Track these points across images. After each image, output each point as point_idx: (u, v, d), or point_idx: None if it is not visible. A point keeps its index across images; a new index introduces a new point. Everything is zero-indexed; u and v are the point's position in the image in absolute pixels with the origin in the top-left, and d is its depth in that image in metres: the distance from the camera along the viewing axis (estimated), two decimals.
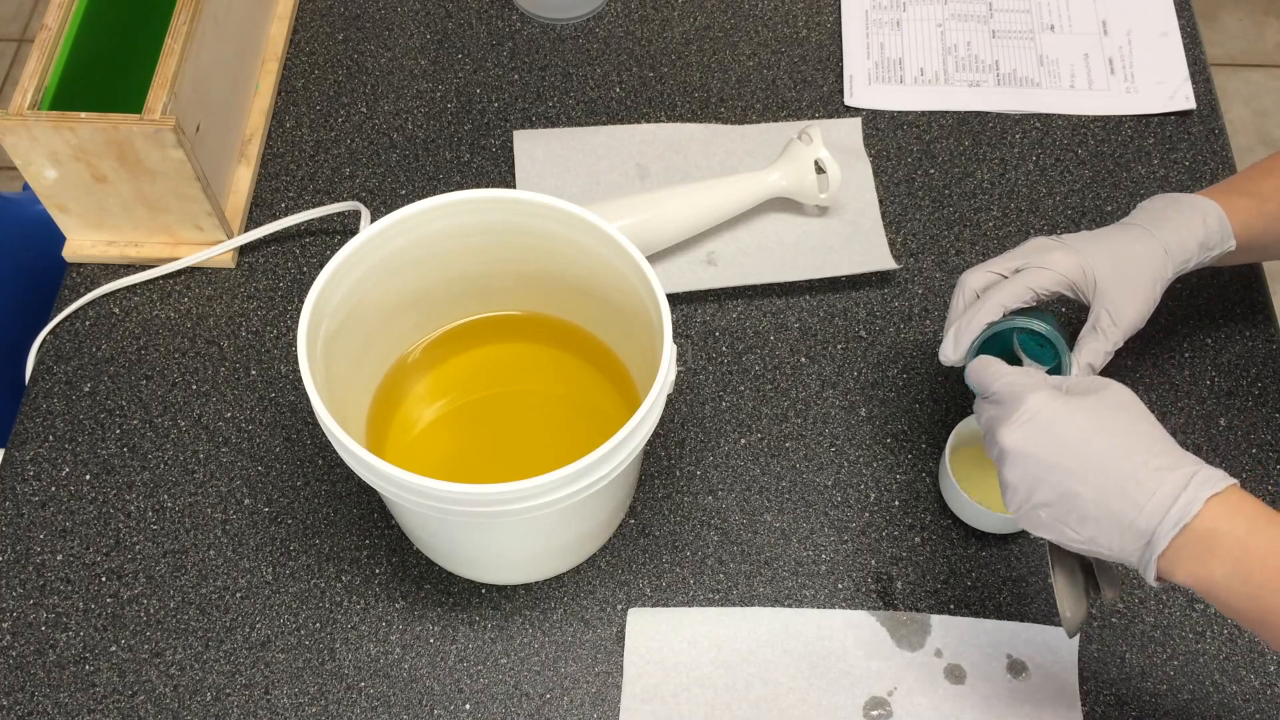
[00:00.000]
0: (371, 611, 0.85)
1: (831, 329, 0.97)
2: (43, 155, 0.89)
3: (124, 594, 0.85)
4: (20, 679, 0.82)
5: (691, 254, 0.99)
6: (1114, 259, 0.77)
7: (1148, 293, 0.77)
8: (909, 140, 1.06)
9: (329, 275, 0.74)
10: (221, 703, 0.82)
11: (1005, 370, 0.71)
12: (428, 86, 1.10)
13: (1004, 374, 0.70)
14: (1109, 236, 0.79)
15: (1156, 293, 0.77)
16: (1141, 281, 0.77)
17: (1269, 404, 0.93)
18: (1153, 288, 0.77)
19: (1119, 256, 0.77)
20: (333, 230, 1.02)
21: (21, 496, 0.89)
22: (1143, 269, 0.77)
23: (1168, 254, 0.78)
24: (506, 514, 0.69)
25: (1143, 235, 0.78)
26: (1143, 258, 0.77)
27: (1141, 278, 0.77)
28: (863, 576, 0.86)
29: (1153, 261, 0.77)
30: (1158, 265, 0.77)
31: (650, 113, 1.08)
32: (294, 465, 0.90)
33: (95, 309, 0.97)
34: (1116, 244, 0.78)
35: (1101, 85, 1.09)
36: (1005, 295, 0.77)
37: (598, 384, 0.88)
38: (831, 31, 1.13)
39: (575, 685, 0.82)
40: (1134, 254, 0.77)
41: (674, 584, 0.86)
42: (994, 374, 0.71)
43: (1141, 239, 0.78)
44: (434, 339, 0.89)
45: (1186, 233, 0.78)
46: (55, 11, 0.92)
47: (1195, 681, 0.83)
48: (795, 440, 0.92)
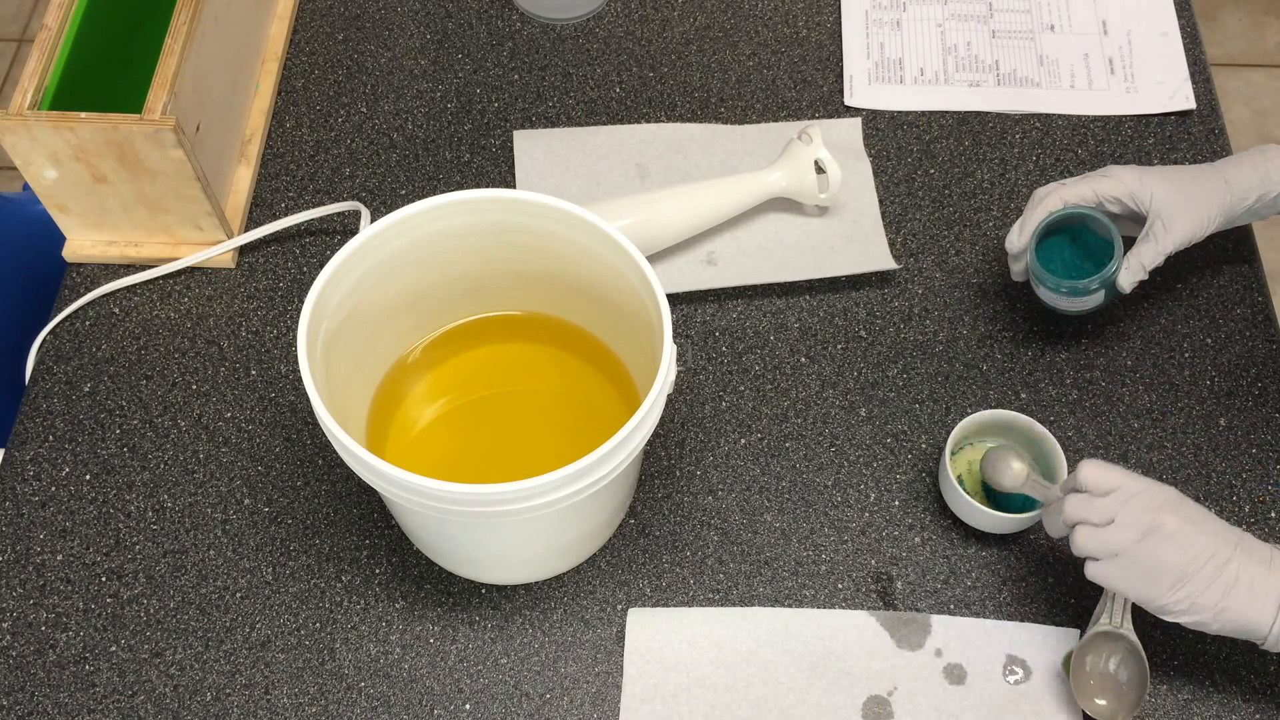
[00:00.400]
0: (371, 611, 0.85)
1: (831, 329, 0.97)
2: (43, 155, 0.89)
3: (124, 594, 0.85)
4: (20, 679, 0.82)
5: (691, 254, 0.99)
6: (1174, 181, 0.86)
7: (1201, 212, 0.85)
8: (909, 140, 1.06)
9: (329, 275, 0.74)
10: (221, 703, 0.82)
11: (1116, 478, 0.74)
12: (428, 86, 1.10)
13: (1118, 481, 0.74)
14: (1175, 169, 0.88)
15: (1210, 214, 0.86)
16: (1196, 202, 0.85)
17: (1269, 404, 0.93)
18: (1206, 209, 0.85)
19: (1179, 179, 0.86)
20: (333, 230, 1.02)
21: (21, 496, 0.89)
22: (1199, 192, 0.86)
23: (1227, 184, 0.86)
24: (506, 514, 0.69)
25: (1206, 169, 0.88)
26: (1201, 184, 0.86)
27: (1196, 198, 0.85)
28: (863, 576, 0.86)
29: (1210, 188, 0.86)
30: (1216, 192, 0.86)
31: (650, 113, 1.08)
32: (294, 465, 0.90)
33: (95, 309, 0.97)
34: (1180, 172, 0.88)
35: (1101, 85, 1.09)
36: (1069, 192, 0.87)
37: (598, 384, 0.88)
38: (831, 31, 1.13)
39: (575, 685, 0.82)
40: (1193, 180, 0.86)
41: (674, 584, 0.86)
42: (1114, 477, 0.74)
43: (1204, 171, 0.88)
44: (434, 339, 0.89)
45: (1248, 168, 0.87)
46: (55, 11, 0.92)
47: (1195, 681, 0.83)
48: (795, 440, 0.92)
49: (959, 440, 0.87)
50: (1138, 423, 0.92)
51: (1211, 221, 0.86)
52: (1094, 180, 0.87)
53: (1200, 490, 0.89)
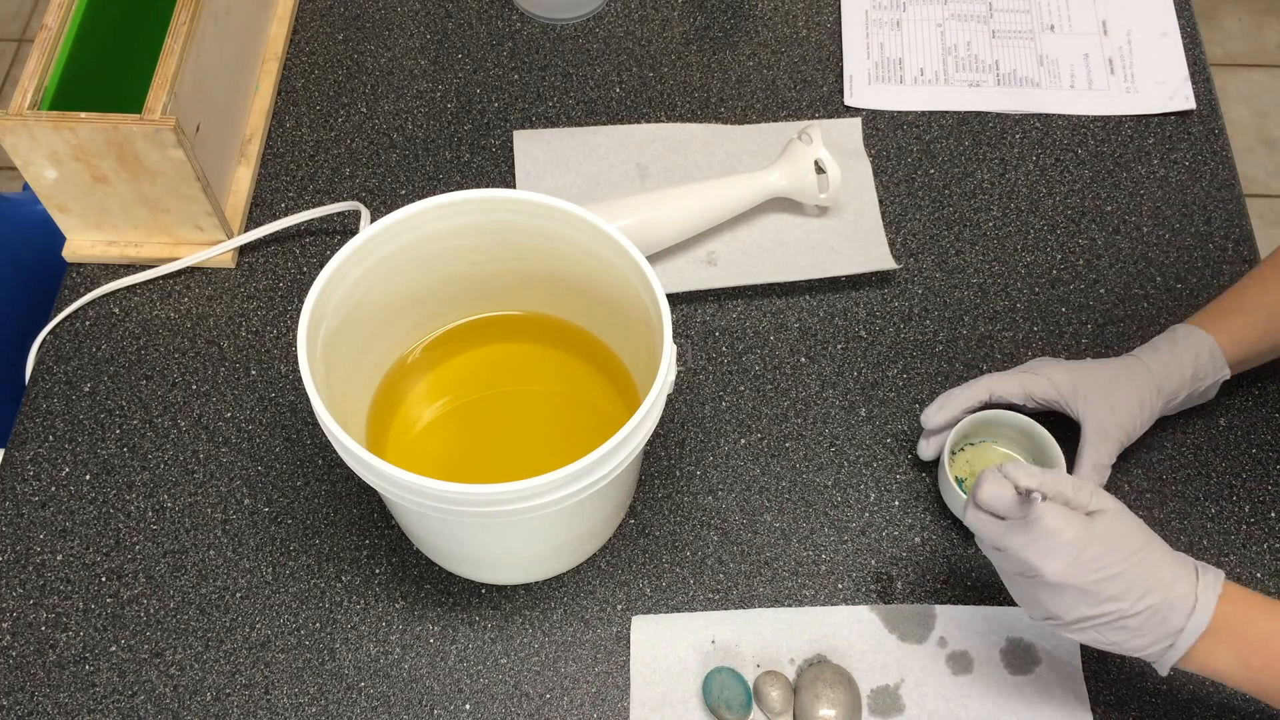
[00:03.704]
0: (371, 611, 0.85)
1: (831, 329, 0.97)
2: (43, 155, 0.89)
3: (124, 594, 0.85)
4: (20, 679, 0.82)
5: (691, 254, 0.99)
6: (1107, 382, 0.85)
7: (1134, 413, 0.84)
8: (909, 140, 1.06)
9: (329, 275, 0.74)
10: (221, 703, 0.82)
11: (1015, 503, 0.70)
12: (428, 86, 1.10)
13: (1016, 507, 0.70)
14: (1106, 363, 0.87)
15: (1144, 413, 0.84)
16: (1129, 403, 0.84)
17: (1269, 404, 0.93)
18: (1140, 409, 0.84)
19: (1112, 379, 0.85)
20: (333, 230, 1.02)
21: (21, 496, 0.89)
22: (1131, 391, 0.84)
23: (1156, 380, 0.85)
24: (506, 514, 0.69)
25: (1135, 363, 0.86)
26: (1133, 382, 0.85)
27: (1129, 399, 0.84)
28: (863, 576, 0.86)
29: (1141, 386, 0.84)
30: (1147, 389, 0.84)
31: (650, 113, 1.08)
32: (294, 465, 0.90)
33: (95, 309, 0.97)
34: (1111, 369, 0.86)
35: (1101, 85, 1.09)
36: (998, 384, 0.86)
37: (598, 384, 0.88)
38: (831, 31, 1.13)
39: (575, 685, 0.82)
40: (1125, 378, 0.85)
41: (674, 584, 0.86)
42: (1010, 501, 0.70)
43: (1134, 366, 0.86)
44: (434, 339, 0.89)
45: (1175, 364, 0.85)
46: (55, 11, 0.92)
47: (1195, 681, 0.83)
48: (795, 440, 0.92)
49: (959, 440, 0.87)
50: None
51: (1144, 419, 0.85)
52: (1026, 378, 0.85)
53: (1200, 490, 0.90)
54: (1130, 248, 1.01)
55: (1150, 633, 0.68)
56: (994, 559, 0.72)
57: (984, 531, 0.71)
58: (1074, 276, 0.99)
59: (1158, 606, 0.67)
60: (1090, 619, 0.68)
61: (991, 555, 0.72)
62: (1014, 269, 1.00)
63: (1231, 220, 1.02)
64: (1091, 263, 1.00)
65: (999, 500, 0.70)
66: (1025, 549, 0.68)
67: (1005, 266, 1.00)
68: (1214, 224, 1.02)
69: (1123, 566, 0.67)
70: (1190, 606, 0.67)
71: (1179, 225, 1.02)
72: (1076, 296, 0.98)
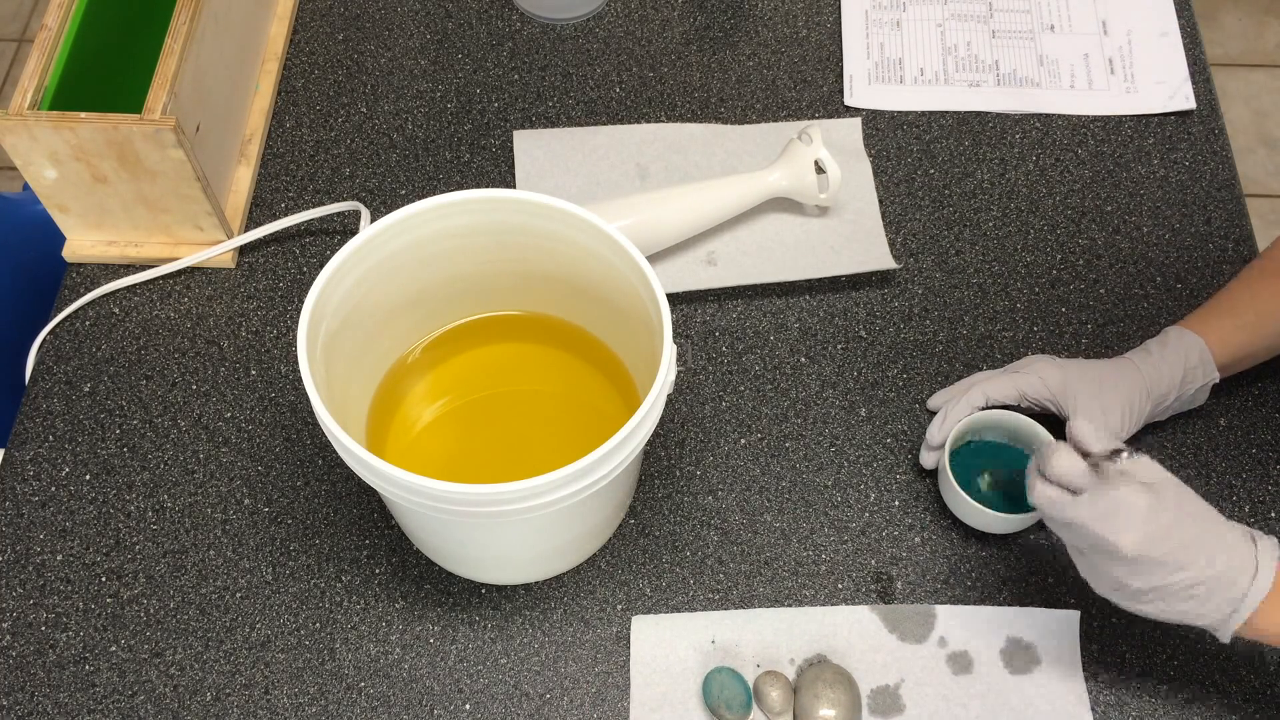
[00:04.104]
0: (371, 611, 0.85)
1: (831, 329, 0.97)
2: (43, 155, 0.89)
3: (124, 594, 0.85)
4: (20, 679, 0.82)
5: (691, 254, 0.99)
6: (1097, 382, 0.85)
7: (1124, 414, 0.84)
8: (909, 140, 1.06)
9: (329, 275, 0.74)
10: (221, 703, 0.82)
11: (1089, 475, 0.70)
12: (428, 86, 1.10)
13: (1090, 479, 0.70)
14: (1097, 364, 0.87)
15: (1133, 415, 0.84)
16: (1119, 403, 0.84)
17: (1269, 404, 0.93)
18: (1130, 410, 0.84)
19: (1102, 379, 0.85)
20: (333, 230, 1.02)
21: (21, 496, 0.89)
22: (1121, 392, 0.84)
23: (1146, 382, 0.85)
24: (506, 514, 0.69)
25: (1126, 365, 0.86)
26: (1123, 383, 0.85)
27: (1119, 400, 0.84)
28: (863, 576, 0.86)
29: (1131, 387, 0.84)
30: (1137, 391, 0.84)
31: (650, 113, 1.08)
32: (294, 465, 0.90)
33: (95, 309, 0.97)
34: (1102, 370, 0.86)
35: (1101, 85, 1.09)
36: (993, 387, 0.86)
37: (598, 384, 0.88)
38: (831, 31, 1.13)
39: (575, 685, 0.82)
40: (1115, 379, 0.85)
41: (674, 584, 0.86)
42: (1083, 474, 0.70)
43: (1125, 367, 0.86)
44: (434, 339, 0.89)
45: (1165, 367, 0.85)
46: (55, 11, 0.92)
47: (1196, 681, 0.83)
48: (795, 440, 0.92)
49: (956, 442, 0.87)
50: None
51: (1133, 421, 0.85)
52: (1019, 378, 0.86)
53: (1200, 490, 0.89)
54: (1130, 248, 1.01)
55: (1216, 598, 0.68)
56: (1064, 535, 0.71)
57: (1054, 508, 0.70)
58: (1074, 276, 0.99)
59: (1224, 572, 0.67)
60: (1161, 589, 0.68)
61: (1062, 531, 0.71)
62: (1014, 269, 1.00)
63: (1231, 220, 1.02)
64: (1091, 263, 1.00)
65: (1072, 472, 0.70)
66: (1098, 523, 0.68)
67: (1005, 266, 1.00)
68: (1214, 224, 1.02)
69: (1192, 535, 0.68)
70: (1253, 570, 0.68)
71: (1179, 225, 1.02)
72: (1076, 296, 0.98)
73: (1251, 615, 0.68)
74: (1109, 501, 0.68)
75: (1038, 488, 0.71)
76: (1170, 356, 0.85)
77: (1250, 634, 0.69)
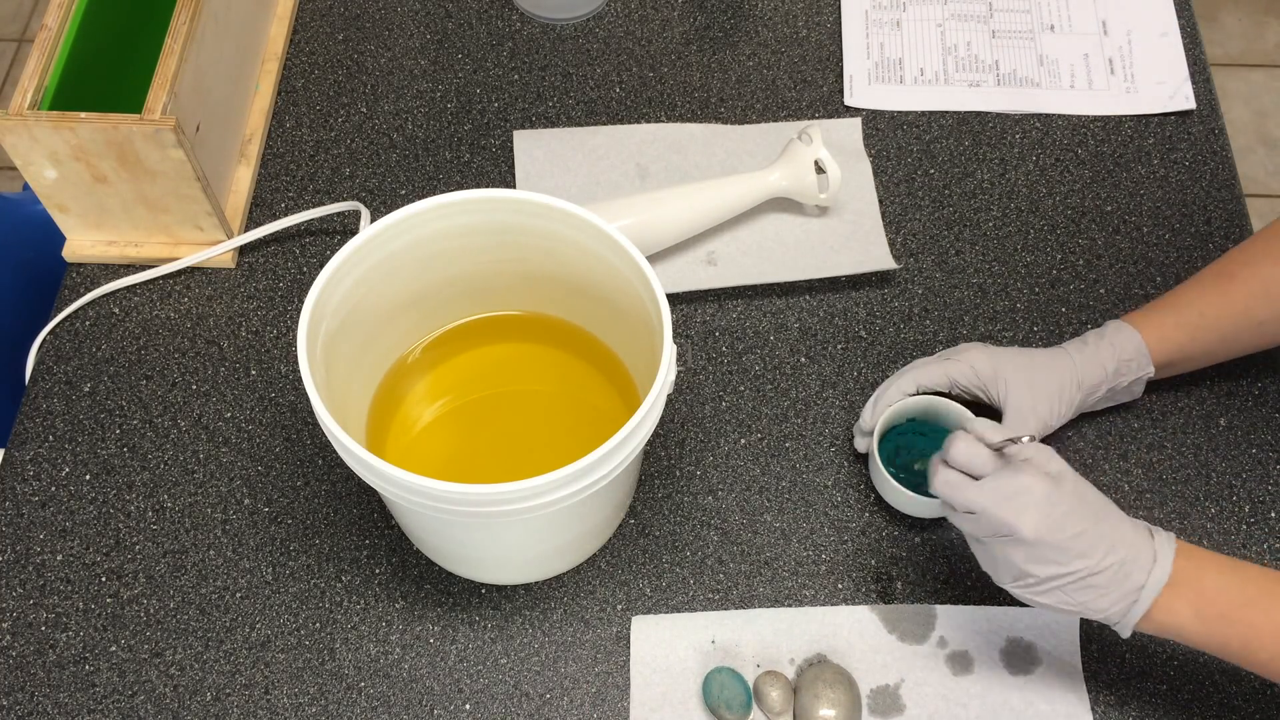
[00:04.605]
0: (371, 611, 0.85)
1: (831, 329, 0.97)
2: (43, 155, 0.89)
3: (124, 594, 0.85)
4: (20, 679, 0.82)
5: (691, 254, 0.99)
6: (1028, 369, 0.85)
7: (1053, 402, 0.84)
8: (909, 140, 1.06)
9: (329, 275, 0.74)
10: (221, 703, 0.82)
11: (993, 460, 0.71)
12: (428, 86, 1.10)
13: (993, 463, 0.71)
14: (1030, 352, 0.87)
15: (1062, 403, 0.85)
16: (1048, 391, 0.84)
17: (1269, 404, 0.93)
18: (1059, 398, 0.85)
19: (1033, 366, 0.85)
20: (333, 230, 1.02)
21: (21, 496, 0.89)
22: (1051, 380, 0.85)
23: (1078, 373, 0.85)
24: (506, 514, 0.69)
25: (1060, 354, 0.86)
26: (1053, 372, 0.85)
27: (1049, 387, 0.84)
28: (863, 576, 0.86)
29: (1062, 376, 0.85)
30: (1067, 380, 0.85)
31: (650, 113, 1.08)
32: (294, 465, 0.90)
33: (95, 309, 0.97)
34: (1034, 358, 0.86)
35: (1101, 85, 1.09)
36: (923, 373, 0.86)
37: (598, 384, 0.88)
38: (831, 31, 1.13)
39: (575, 685, 0.82)
40: (1046, 367, 0.85)
41: (674, 584, 0.86)
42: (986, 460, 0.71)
43: (1057, 356, 0.86)
44: (434, 339, 0.89)
45: (1098, 358, 0.86)
46: (55, 11, 0.92)
47: (1195, 681, 0.83)
48: (795, 440, 0.92)
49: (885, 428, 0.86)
50: (1138, 423, 0.92)
51: (1063, 411, 0.85)
52: (949, 365, 0.86)
53: (1200, 490, 0.89)
54: (1130, 248, 1.01)
55: (1115, 590, 0.69)
56: (964, 524, 0.72)
57: (953, 491, 0.71)
58: (1074, 276, 0.99)
59: (1122, 563, 0.68)
60: (1060, 577, 0.69)
61: (962, 520, 0.72)
62: (1014, 269, 1.00)
63: (1231, 220, 1.02)
64: (1091, 263, 1.00)
65: (973, 457, 0.71)
66: (1000, 507, 0.69)
67: (1005, 266, 1.00)
68: (1214, 224, 1.02)
69: (1090, 524, 0.68)
70: (1150, 562, 0.68)
71: (1179, 225, 1.02)
72: (1076, 296, 0.98)
73: (1152, 609, 0.69)
74: (1010, 485, 0.69)
75: (939, 473, 0.72)
76: (1105, 348, 0.86)
77: (1151, 629, 0.70)
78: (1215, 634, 0.69)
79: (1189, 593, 0.69)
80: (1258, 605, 0.68)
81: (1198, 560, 0.69)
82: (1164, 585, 0.68)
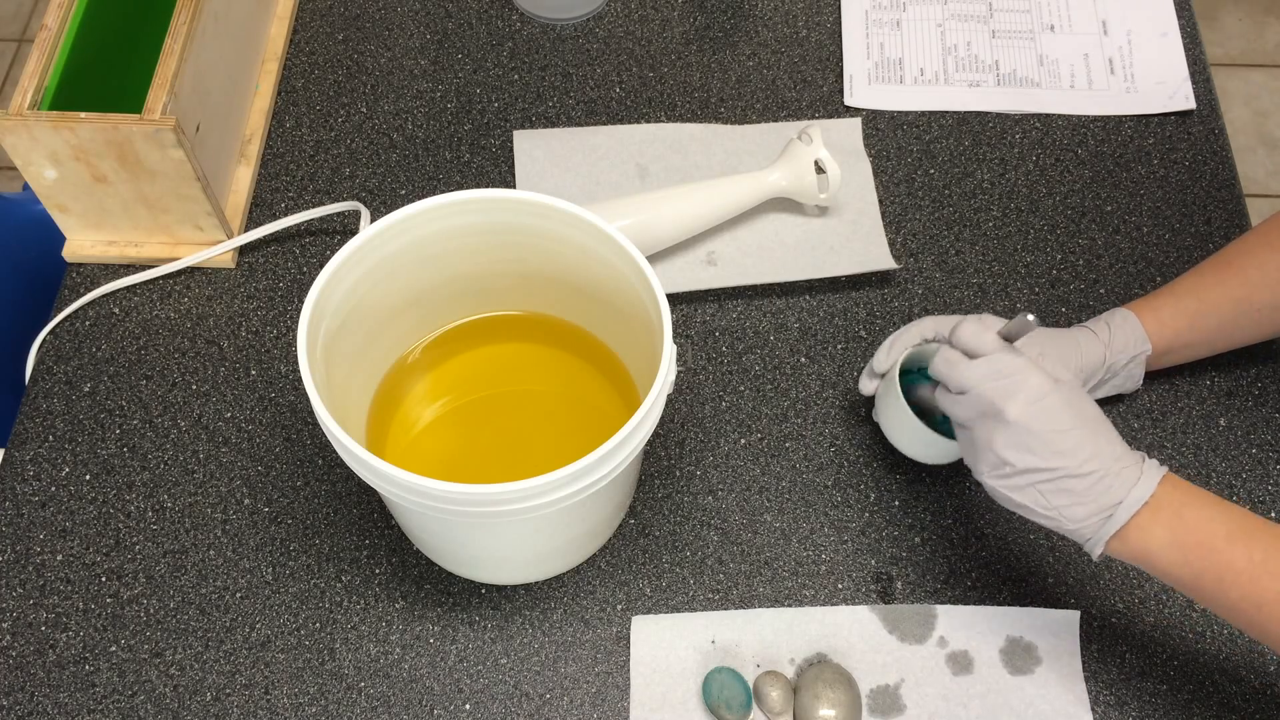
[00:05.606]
0: (371, 611, 0.85)
1: (831, 329, 0.97)
2: (43, 155, 0.89)
3: (124, 594, 0.85)
4: (20, 679, 0.82)
5: (691, 254, 0.99)
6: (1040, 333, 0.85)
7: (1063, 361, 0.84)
8: (909, 140, 1.06)
9: (329, 275, 0.74)
10: (221, 703, 0.82)
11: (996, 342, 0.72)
12: (428, 86, 1.10)
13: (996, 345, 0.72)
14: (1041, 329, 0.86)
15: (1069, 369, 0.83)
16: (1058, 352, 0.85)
17: (1269, 404, 0.93)
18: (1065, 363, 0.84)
19: (1044, 333, 0.85)
20: (333, 230, 1.02)
21: (21, 496, 0.89)
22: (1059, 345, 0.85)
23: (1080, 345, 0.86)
24: (506, 514, 0.69)
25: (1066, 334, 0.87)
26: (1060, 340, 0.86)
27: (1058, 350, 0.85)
28: (863, 576, 0.86)
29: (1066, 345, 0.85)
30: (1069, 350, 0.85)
31: (650, 113, 1.08)
32: (294, 465, 0.91)
33: (95, 309, 0.97)
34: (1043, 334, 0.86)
35: (1101, 85, 1.09)
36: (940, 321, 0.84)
37: (598, 384, 0.88)
38: (831, 31, 1.13)
39: (575, 685, 0.82)
40: (1054, 335, 0.86)
41: (674, 584, 0.86)
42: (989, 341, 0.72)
43: (1063, 336, 0.87)
44: (434, 339, 0.89)
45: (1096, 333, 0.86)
46: (55, 11, 0.92)
47: (1195, 681, 0.83)
48: (795, 440, 0.92)
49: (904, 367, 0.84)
50: (1137, 423, 0.92)
51: None
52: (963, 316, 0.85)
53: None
54: (1130, 248, 1.01)
55: (1092, 501, 0.68)
56: (953, 407, 0.72)
57: (950, 368, 0.71)
58: (1074, 276, 0.99)
59: (1103, 473, 0.68)
60: (1038, 471, 0.68)
61: (952, 403, 0.72)
62: (1014, 269, 1.00)
63: (1231, 220, 1.02)
64: (1091, 263, 1.00)
65: (978, 338, 0.72)
66: (988, 382, 0.69)
67: (1005, 266, 1.00)
68: (1214, 224, 1.02)
69: (1076, 425, 0.68)
70: (1134, 479, 0.68)
71: (1179, 225, 1.02)
72: (1076, 296, 0.98)
73: (1127, 529, 0.68)
74: (1006, 364, 0.69)
75: (941, 354, 0.73)
76: (1102, 328, 0.86)
77: (1124, 552, 0.69)
78: (1191, 564, 0.67)
79: (1169, 518, 0.68)
80: (1238, 542, 0.67)
81: (1184, 490, 0.69)
82: (1143, 505, 0.67)
